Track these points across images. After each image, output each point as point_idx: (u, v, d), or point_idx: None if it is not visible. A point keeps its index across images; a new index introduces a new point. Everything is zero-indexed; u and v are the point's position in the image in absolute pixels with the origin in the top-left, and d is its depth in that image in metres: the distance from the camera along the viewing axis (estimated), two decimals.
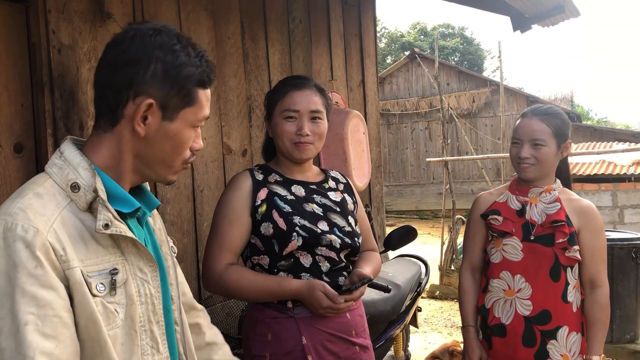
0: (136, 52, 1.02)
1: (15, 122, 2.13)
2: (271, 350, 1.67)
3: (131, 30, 1.04)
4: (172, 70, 1.04)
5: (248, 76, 3.17)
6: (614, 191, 8.13)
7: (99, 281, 0.97)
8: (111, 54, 1.04)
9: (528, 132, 2.04)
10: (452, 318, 5.85)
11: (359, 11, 4.20)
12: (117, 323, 0.99)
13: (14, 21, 2.13)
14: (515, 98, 15.19)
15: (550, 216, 2.03)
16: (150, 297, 1.06)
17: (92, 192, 0.99)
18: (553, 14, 4.13)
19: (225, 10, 3.02)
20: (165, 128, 1.05)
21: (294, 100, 1.73)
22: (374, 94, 4.36)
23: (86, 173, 1.01)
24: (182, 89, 1.05)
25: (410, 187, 16.20)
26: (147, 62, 1.02)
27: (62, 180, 1.00)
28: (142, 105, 1.02)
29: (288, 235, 1.66)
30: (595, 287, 2.05)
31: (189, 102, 1.07)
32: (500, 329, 2.09)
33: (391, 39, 29.25)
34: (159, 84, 1.03)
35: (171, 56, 1.03)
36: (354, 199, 1.92)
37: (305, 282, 1.64)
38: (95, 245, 0.99)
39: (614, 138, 13.84)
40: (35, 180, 1.02)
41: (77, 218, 0.99)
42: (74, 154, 1.03)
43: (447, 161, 7.47)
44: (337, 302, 1.60)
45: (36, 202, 0.95)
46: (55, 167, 1.02)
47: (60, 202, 0.98)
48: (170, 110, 1.05)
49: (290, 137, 1.73)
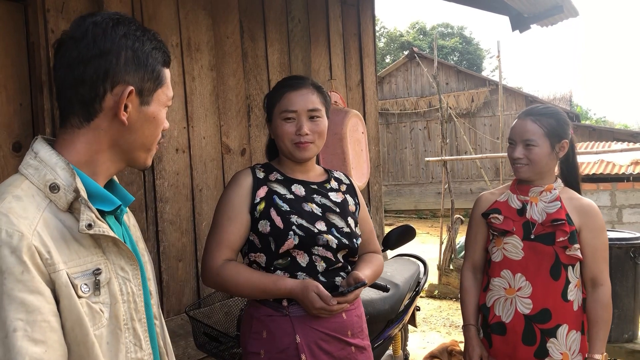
0: (104, 44, 1.02)
1: (14, 122, 2.13)
2: (266, 347, 1.69)
3: (87, 23, 1.03)
4: (142, 55, 1.05)
5: (247, 75, 3.17)
6: (613, 191, 8.14)
7: (83, 282, 0.97)
8: (75, 51, 1.02)
9: (520, 133, 2.07)
10: (450, 317, 5.86)
11: (357, 11, 4.20)
12: (102, 323, 0.99)
13: (13, 20, 2.13)
14: (514, 98, 15.20)
15: (550, 215, 2.04)
16: (132, 295, 1.06)
17: (72, 192, 0.99)
18: (552, 14, 4.14)
19: (224, 9, 3.02)
20: (144, 112, 1.07)
21: (291, 101, 1.75)
22: (373, 93, 4.36)
23: (64, 173, 1.00)
24: (153, 72, 1.07)
25: (409, 187, 16.21)
26: (117, 51, 1.03)
27: (39, 181, 0.99)
28: (124, 94, 1.02)
29: (284, 234, 1.67)
30: (597, 286, 2.05)
31: (159, 84, 1.09)
32: (501, 327, 2.09)
33: (390, 39, 29.27)
34: (133, 70, 1.04)
35: (137, 42, 1.05)
36: (356, 200, 1.92)
37: (300, 282, 1.65)
38: (77, 246, 0.99)
39: (612, 138, 13.85)
40: (11, 182, 1.00)
41: (57, 219, 0.98)
42: (49, 153, 1.02)
43: (446, 161, 7.47)
44: (330, 304, 1.61)
45: (16, 205, 0.94)
46: (31, 168, 1.01)
47: (40, 203, 0.97)
48: (146, 94, 1.07)
49: (290, 138, 1.74)
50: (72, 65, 1.02)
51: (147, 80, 1.06)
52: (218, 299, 2.59)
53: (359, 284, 1.67)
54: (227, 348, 2.21)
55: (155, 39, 1.10)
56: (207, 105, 2.91)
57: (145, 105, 1.07)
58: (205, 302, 2.53)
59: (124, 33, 1.04)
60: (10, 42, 2.12)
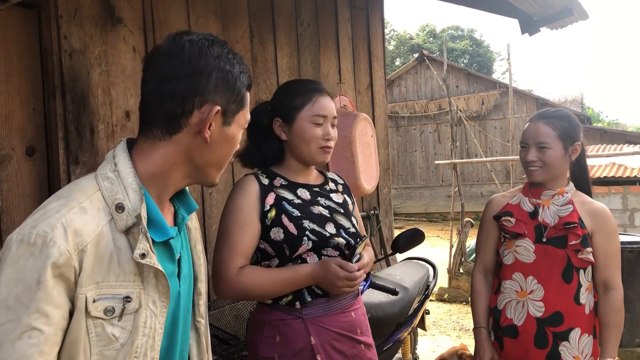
0: (198, 63, 1.06)
1: (27, 126, 2.16)
2: (279, 351, 1.68)
3: (183, 41, 1.07)
4: (232, 77, 1.10)
5: (257, 80, 3.19)
6: (624, 194, 8.08)
7: (108, 304, 0.99)
8: (167, 66, 1.06)
9: (533, 136, 2.07)
10: (460, 321, 5.83)
11: (367, 14, 4.21)
12: (114, 346, 1.00)
13: (26, 27, 2.17)
14: (525, 100, 15.12)
15: (562, 218, 2.04)
16: (153, 332, 1.06)
17: (134, 218, 1.01)
18: (561, 17, 4.12)
19: (234, 14, 3.04)
20: (225, 132, 1.11)
21: (322, 105, 1.75)
22: (382, 96, 4.37)
23: (134, 196, 1.03)
24: (238, 94, 1.12)
25: (419, 190, 16.16)
26: (209, 71, 1.07)
27: (109, 197, 1.02)
28: (211, 113, 1.06)
29: (299, 240, 1.67)
30: (609, 290, 2.04)
31: (242, 106, 1.14)
32: (513, 330, 2.09)
33: (400, 41, 29.25)
34: (222, 91, 1.08)
35: (229, 65, 1.10)
36: (352, 199, 1.95)
37: (318, 262, 1.67)
38: (118, 269, 1.00)
39: (624, 140, 13.74)
40: (85, 189, 1.03)
41: (112, 238, 1.00)
42: (127, 171, 1.05)
43: (456, 164, 7.45)
44: (352, 269, 1.62)
45: (78, 219, 0.97)
46: (107, 182, 1.04)
47: (102, 219, 1.00)
48: (230, 115, 1.11)
49: (319, 142, 1.75)
50: (163, 80, 1.06)
51: (232, 102, 1.10)
52: (227, 302, 2.60)
53: (363, 237, 1.71)
54: (236, 351, 2.22)
55: (243, 62, 1.14)
56: None
57: (227, 125, 1.11)
58: (214, 305, 2.55)
59: (218, 55, 1.08)
60: (24, 48, 2.15)
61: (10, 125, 2.10)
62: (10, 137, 2.10)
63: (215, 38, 1.11)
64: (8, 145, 2.09)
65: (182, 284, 1.16)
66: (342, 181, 1.98)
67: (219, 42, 1.11)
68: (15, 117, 2.11)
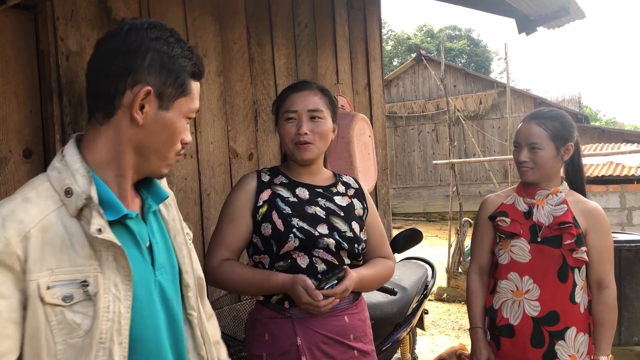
0: (133, 43, 1.06)
1: (25, 128, 2.16)
2: (268, 350, 1.70)
3: (126, 24, 1.08)
4: (168, 60, 1.08)
5: (254, 80, 3.19)
6: (622, 192, 8.08)
7: (67, 290, 0.98)
8: (107, 46, 1.07)
9: (525, 136, 2.08)
10: (459, 321, 5.84)
11: (364, 15, 4.22)
12: (78, 334, 0.99)
13: (23, 28, 2.16)
14: (523, 100, 15.14)
15: (557, 218, 2.05)
16: (118, 316, 1.03)
17: (83, 200, 1.01)
18: (558, 16, 4.12)
19: (231, 15, 3.04)
20: (161, 117, 1.09)
21: (292, 101, 1.78)
22: (380, 97, 4.37)
23: (83, 180, 1.03)
24: (177, 79, 1.09)
25: (417, 190, 16.17)
26: (144, 51, 1.06)
27: (58, 185, 1.03)
28: (140, 93, 1.05)
29: (285, 236, 1.68)
30: (602, 288, 2.06)
31: (182, 92, 1.11)
32: (509, 329, 2.10)
33: (398, 41, 29.26)
34: (155, 72, 1.07)
35: (167, 47, 1.08)
36: (364, 204, 1.89)
37: (291, 277, 1.64)
38: (72, 253, 1.00)
39: (622, 139, 13.76)
40: (33, 182, 1.04)
41: (62, 224, 1.00)
42: (74, 158, 1.05)
43: (454, 163, 7.46)
44: (316, 298, 1.58)
45: (19, 208, 0.98)
46: (55, 171, 1.05)
47: (49, 206, 1.00)
48: (166, 99, 1.09)
49: (291, 138, 1.76)
50: (101, 60, 1.07)
51: (169, 85, 1.08)
52: (226, 303, 2.60)
53: (337, 271, 1.64)
54: (235, 352, 2.22)
55: (189, 49, 1.12)
56: (215, 110, 2.93)
57: (164, 110, 1.09)
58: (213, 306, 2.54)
59: (156, 37, 1.08)
60: (20, 50, 2.15)
61: (7, 128, 2.10)
62: (7, 139, 2.10)
63: (159, 23, 1.10)
64: (5, 147, 2.09)
65: (158, 273, 1.15)
66: (357, 186, 1.93)
67: (161, 26, 1.10)
68: (12, 119, 2.11)
